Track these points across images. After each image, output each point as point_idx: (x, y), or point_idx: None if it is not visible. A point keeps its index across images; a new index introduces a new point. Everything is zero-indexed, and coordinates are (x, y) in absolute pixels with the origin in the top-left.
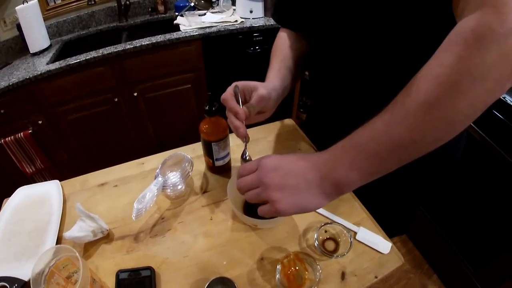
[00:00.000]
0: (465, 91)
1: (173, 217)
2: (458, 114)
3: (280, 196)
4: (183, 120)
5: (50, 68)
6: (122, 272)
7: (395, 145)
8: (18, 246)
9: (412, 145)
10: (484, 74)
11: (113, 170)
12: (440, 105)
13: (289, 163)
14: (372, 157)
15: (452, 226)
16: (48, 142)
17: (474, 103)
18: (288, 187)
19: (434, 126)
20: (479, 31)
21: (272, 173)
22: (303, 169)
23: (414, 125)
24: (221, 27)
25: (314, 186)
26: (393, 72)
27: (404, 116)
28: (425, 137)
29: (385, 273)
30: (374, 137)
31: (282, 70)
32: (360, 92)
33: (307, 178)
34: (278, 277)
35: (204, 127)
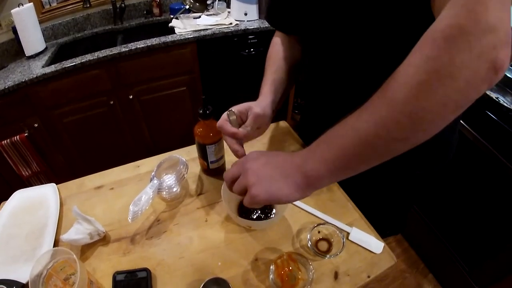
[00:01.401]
0: (432, 90)
1: (169, 219)
2: (425, 113)
3: (255, 180)
4: (178, 123)
5: (45, 71)
6: (119, 274)
7: (359, 139)
8: (15, 249)
9: (377, 141)
10: (453, 73)
11: (109, 173)
12: (405, 103)
13: (270, 155)
14: (339, 151)
15: (447, 225)
16: (44, 145)
17: (443, 102)
18: (264, 174)
19: (399, 124)
20: (449, 31)
21: (252, 161)
22: (280, 160)
23: (379, 120)
24: (216, 30)
25: (287, 176)
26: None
27: (371, 112)
28: (389, 134)
29: (378, 273)
30: (343, 131)
31: (275, 83)
32: (353, 94)
33: (282, 168)
34: (271, 277)
35: (199, 130)
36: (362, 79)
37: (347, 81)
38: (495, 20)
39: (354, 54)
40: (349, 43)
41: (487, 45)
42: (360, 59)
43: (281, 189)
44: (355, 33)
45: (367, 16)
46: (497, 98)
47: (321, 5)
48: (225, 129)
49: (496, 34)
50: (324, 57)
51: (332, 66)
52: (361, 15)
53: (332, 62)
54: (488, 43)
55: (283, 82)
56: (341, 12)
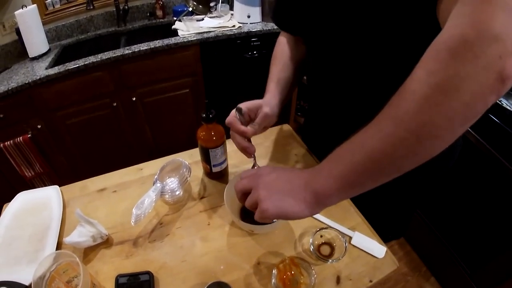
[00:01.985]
0: (437, 104)
1: (172, 222)
2: (431, 128)
3: (266, 195)
4: (181, 125)
5: (49, 73)
6: (121, 277)
7: (368, 156)
8: (18, 250)
9: (384, 158)
10: (458, 86)
11: (112, 175)
12: (409, 119)
13: (281, 171)
14: (347, 167)
15: (449, 228)
16: (47, 146)
17: (449, 116)
18: (275, 189)
19: (405, 140)
20: (452, 42)
21: (265, 176)
22: (291, 176)
23: (385, 138)
24: (219, 32)
25: (296, 192)
26: (388, 77)
27: (377, 129)
28: (396, 151)
29: (380, 277)
30: (351, 148)
31: (281, 82)
32: (357, 97)
33: (291, 184)
34: (274, 281)
35: (202, 134)
36: (366, 82)
37: (350, 84)
38: (501, 29)
39: (359, 57)
40: (353, 46)
41: (493, 55)
42: (365, 62)
43: (291, 205)
44: (360, 36)
45: (373, 20)
46: (500, 102)
47: (327, 7)
48: (235, 127)
49: (502, 43)
50: (328, 60)
51: (336, 69)
52: (367, 19)
53: (336, 65)
54: (494, 53)
55: (288, 82)
56: (347, 16)
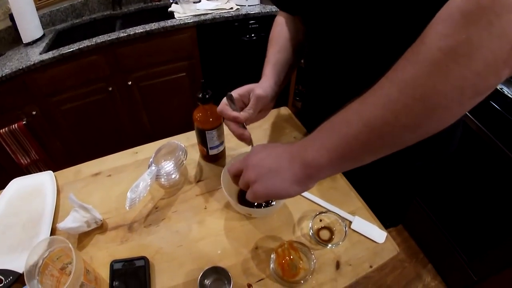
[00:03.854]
0: (447, 71)
1: (167, 206)
2: (439, 97)
3: (256, 176)
4: (177, 109)
5: (43, 58)
6: (116, 263)
7: (364, 125)
8: (12, 238)
9: (384, 127)
10: (470, 53)
11: (107, 160)
12: (416, 84)
13: (271, 147)
14: (341, 138)
15: (448, 216)
16: (42, 133)
17: (459, 85)
18: (264, 168)
19: (408, 107)
20: (466, 6)
21: (254, 155)
22: (279, 152)
23: (387, 104)
24: (216, 15)
25: (286, 168)
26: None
27: (377, 95)
28: (398, 119)
29: (380, 263)
30: (346, 117)
31: (278, 65)
32: (356, 80)
33: (280, 159)
34: (272, 266)
35: (198, 115)
36: (366, 64)
37: (350, 66)
38: None
39: (359, 39)
40: (354, 27)
41: (509, 24)
42: (365, 44)
43: (280, 183)
44: (361, 16)
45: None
46: (501, 89)
47: None
48: (226, 114)
49: None
50: (328, 41)
51: (335, 51)
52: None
53: (335, 47)
54: (510, 22)
55: (286, 63)
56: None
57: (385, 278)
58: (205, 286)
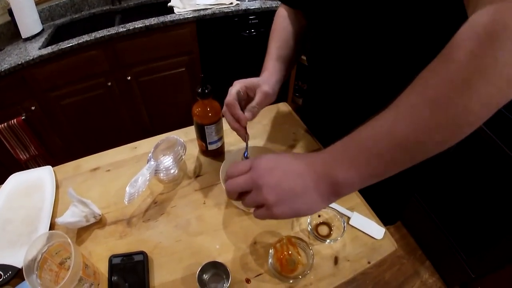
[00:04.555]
0: (477, 90)
1: (166, 201)
2: (469, 115)
3: (276, 199)
4: (177, 104)
5: (42, 53)
6: (115, 257)
7: (397, 145)
8: (11, 233)
9: (416, 146)
10: (497, 73)
11: (106, 154)
12: (449, 104)
13: (284, 164)
14: (373, 156)
15: (446, 213)
16: (41, 128)
17: (487, 103)
18: (284, 189)
19: (441, 126)
20: (492, 27)
21: (267, 174)
22: (300, 170)
23: (420, 124)
24: (216, 10)
25: (311, 188)
26: (393, 59)
27: (409, 114)
28: (431, 138)
29: (378, 259)
30: (376, 135)
31: (281, 59)
32: (358, 78)
33: (304, 179)
34: (270, 261)
35: (197, 110)
36: (369, 62)
37: (353, 63)
38: None
39: (364, 35)
40: (359, 24)
41: None
42: (370, 41)
43: (307, 204)
44: (368, 15)
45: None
46: None
47: None
48: (233, 111)
49: None
50: (330, 38)
51: (338, 48)
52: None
53: (338, 43)
54: None
55: (288, 59)
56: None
57: (383, 274)
58: (204, 280)
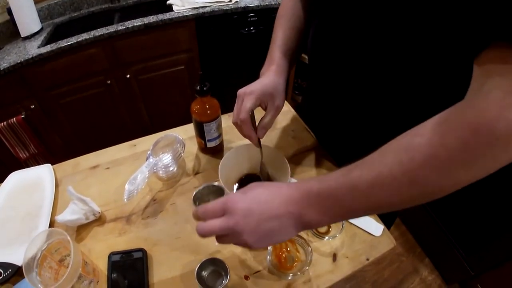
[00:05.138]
0: (458, 177)
1: (165, 198)
2: (441, 192)
3: (255, 240)
4: (176, 102)
5: (41, 52)
6: (114, 255)
7: (369, 206)
8: (11, 231)
9: (388, 207)
10: (482, 165)
11: (105, 152)
12: (428, 184)
13: (259, 205)
14: (345, 210)
15: (445, 211)
16: (41, 126)
17: (459, 183)
18: (263, 231)
19: (414, 198)
20: (477, 127)
21: (243, 220)
22: (275, 212)
23: (395, 194)
24: (215, 7)
25: (287, 225)
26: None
27: (388, 184)
28: (402, 205)
29: (377, 256)
30: (352, 193)
31: (288, 54)
32: (361, 76)
33: (280, 221)
34: (269, 258)
35: (196, 107)
36: (372, 61)
37: (356, 62)
38: None
39: (368, 35)
40: (364, 23)
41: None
42: (374, 40)
43: (283, 237)
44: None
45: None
46: None
47: None
48: (245, 131)
49: None
50: (336, 34)
51: (341, 45)
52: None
53: (342, 41)
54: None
55: (295, 50)
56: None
57: (382, 272)
58: (203, 277)
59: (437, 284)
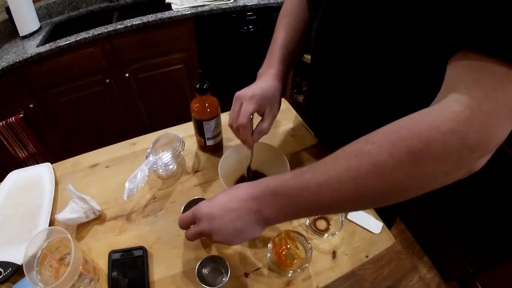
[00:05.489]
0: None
1: (165, 197)
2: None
3: (227, 239)
4: (175, 101)
5: (40, 51)
6: (115, 253)
7: (322, 207)
8: (11, 230)
9: (339, 209)
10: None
11: (105, 151)
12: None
13: (219, 208)
14: (301, 210)
15: (444, 208)
16: (40, 125)
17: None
18: (228, 230)
19: (362, 203)
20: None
21: (208, 224)
22: (235, 212)
23: (344, 198)
24: (214, 6)
25: (249, 222)
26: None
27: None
28: (353, 207)
29: (376, 253)
30: (303, 194)
31: (289, 57)
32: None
33: (241, 219)
34: (269, 255)
35: (195, 105)
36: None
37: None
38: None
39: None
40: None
41: (473, 159)
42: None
43: (249, 233)
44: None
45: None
46: None
47: None
48: (244, 135)
49: (491, 148)
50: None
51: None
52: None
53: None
54: (476, 158)
55: (296, 54)
56: None
57: (381, 269)
58: (203, 275)
59: (436, 281)
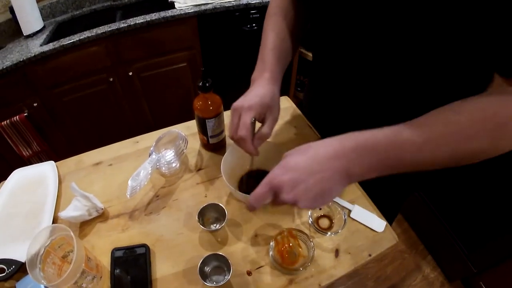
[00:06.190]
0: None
1: (168, 194)
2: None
3: (311, 205)
4: (179, 99)
5: (43, 50)
6: (117, 250)
7: (416, 165)
8: (15, 228)
9: (431, 167)
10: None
11: (108, 149)
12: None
13: (302, 173)
14: (387, 167)
15: (448, 208)
16: (44, 124)
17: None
18: (314, 195)
19: (461, 157)
20: None
21: (293, 192)
22: (319, 174)
23: (439, 159)
24: (217, 4)
25: (334, 182)
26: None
27: (432, 147)
28: (448, 163)
29: (379, 251)
30: (400, 151)
31: (282, 58)
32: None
33: (327, 181)
34: (271, 253)
35: (198, 103)
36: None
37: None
38: None
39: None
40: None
41: None
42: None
43: (333, 195)
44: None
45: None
46: None
47: None
48: (246, 146)
49: None
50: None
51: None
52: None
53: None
54: None
55: (289, 54)
56: None
57: (385, 269)
58: (205, 273)
59: (440, 281)
